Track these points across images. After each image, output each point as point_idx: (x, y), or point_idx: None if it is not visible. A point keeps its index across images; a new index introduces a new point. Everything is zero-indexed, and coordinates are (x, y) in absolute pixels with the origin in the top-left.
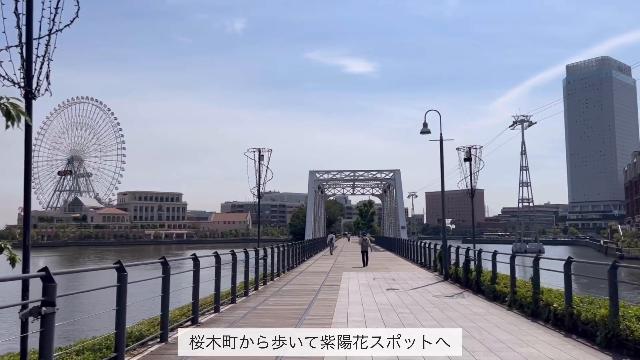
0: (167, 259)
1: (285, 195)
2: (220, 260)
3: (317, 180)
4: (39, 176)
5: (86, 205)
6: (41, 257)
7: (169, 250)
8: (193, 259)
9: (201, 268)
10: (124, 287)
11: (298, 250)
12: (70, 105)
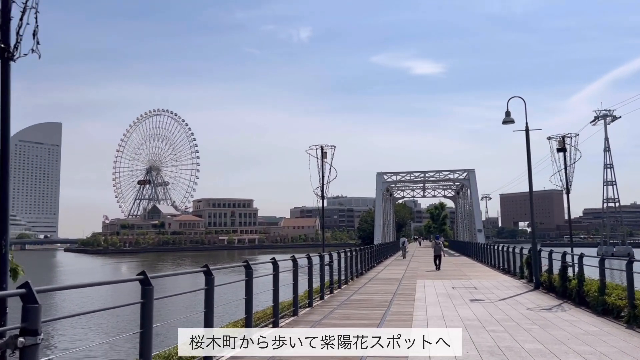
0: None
1: (353, 199)
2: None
3: (385, 182)
4: (120, 185)
5: (164, 212)
6: (123, 262)
7: (241, 255)
8: (273, 263)
9: (258, 276)
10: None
11: (367, 256)
12: (148, 117)
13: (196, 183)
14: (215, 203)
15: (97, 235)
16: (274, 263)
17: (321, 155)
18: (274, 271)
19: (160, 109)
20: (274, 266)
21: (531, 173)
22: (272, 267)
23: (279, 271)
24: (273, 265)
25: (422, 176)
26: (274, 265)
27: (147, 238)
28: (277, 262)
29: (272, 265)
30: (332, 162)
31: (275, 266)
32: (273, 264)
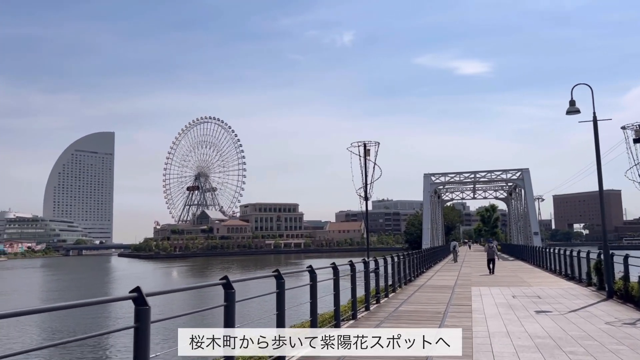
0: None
1: (399, 203)
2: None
3: (432, 184)
4: (171, 192)
5: (212, 217)
6: (174, 267)
7: (288, 259)
8: (310, 272)
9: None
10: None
11: (416, 261)
12: (196, 125)
13: (243, 188)
14: (262, 208)
15: (148, 241)
16: (334, 268)
17: (364, 153)
18: (334, 276)
19: (208, 117)
20: (334, 271)
21: (600, 168)
22: (333, 272)
23: (317, 281)
24: (333, 270)
25: (472, 177)
26: (334, 270)
27: (196, 243)
28: (338, 267)
29: (332, 270)
30: (376, 159)
31: (336, 271)
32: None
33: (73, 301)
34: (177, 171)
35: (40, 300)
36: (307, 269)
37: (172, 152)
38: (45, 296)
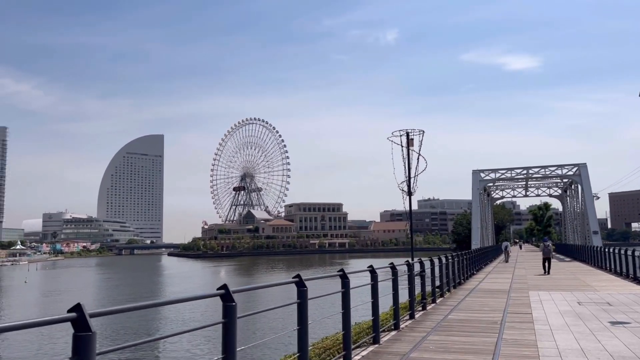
0: (346, 271)
1: (445, 202)
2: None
3: (482, 180)
4: (218, 192)
5: (258, 217)
6: (222, 266)
7: (332, 259)
8: (370, 271)
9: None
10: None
11: (465, 262)
12: (241, 126)
13: (287, 188)
14: (306, 207)
15: (197, 240)
16: (372, 271)
17: (406, 142)
18: (372, 280)
19: (252, 118)
20: (372, 275)
21: None
22: (371, 276)
23: (377, 281)
24: (371, 274)
25: (524, 173)
26: (372, 274)
27: (242, 242)
28: (376, 271)
29: (369, 274)
30: (420, 150)
31: (374, 275)
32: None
33: (167, 298)
34: (224, 172)
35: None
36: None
37: (219, 153)
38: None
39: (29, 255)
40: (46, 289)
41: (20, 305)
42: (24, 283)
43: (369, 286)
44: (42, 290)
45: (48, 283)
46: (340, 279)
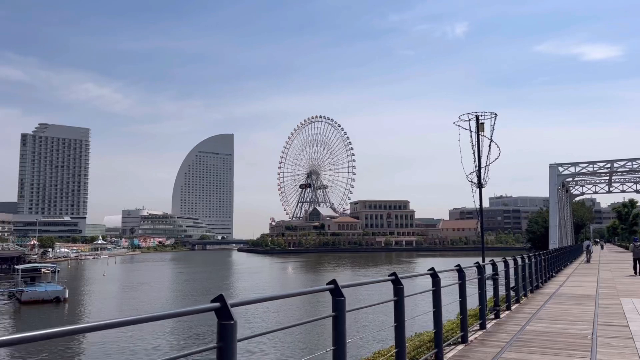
0: (437, 271)
1: (519, 199)
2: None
3: (559, 175)
4: (284, 189)
5: (323, 214)
6: (289, 262)
7: (399, 257)
8: (458, 271)
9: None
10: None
11: (544, 263)
12: (307, 124)
13: (353, 185)
14: (372, 205)
15: (265, 237)
16: (433, 274)
17: (476, 128)
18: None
19: (318, 116)
20: (433, 279)
21: None
22: (432, 280)
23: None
24: (432, 278)
25: (607, 167)
26: (433, 277)
27: (309, 239)
28: (464, 270)
29: (457, 274)
30: (492, 136)
31: (435, 279)
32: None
33: (284, 292)
34: (290, 169)
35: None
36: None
37: (286, 151)
38: (193, 288)
39: (109, 249)
40: (122, 282)
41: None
42: (102, 276)
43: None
44: (119, 284)
45: (124, 276)
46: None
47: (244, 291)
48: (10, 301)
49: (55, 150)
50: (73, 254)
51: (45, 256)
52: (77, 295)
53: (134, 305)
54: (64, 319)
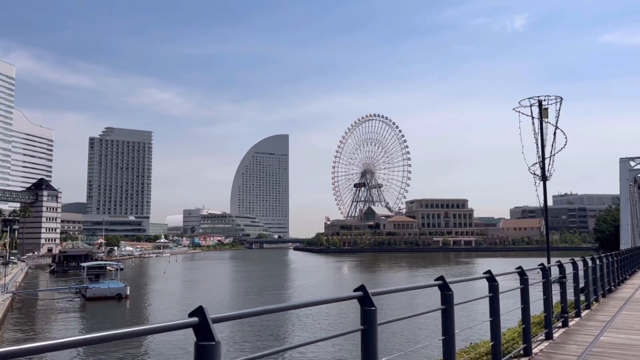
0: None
1: (585, 197)
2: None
3: (631, 170)
4: (339, 189)
5: (378, 213)
6: (344, 261)
7: (457, 258)
8: (519, 273)
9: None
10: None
11: (616, 265)
12: (362, 123)
13: (408, 184)
14: (428, 204)
15: (320, 236)
16: (522, 273)
17: (539, 114)
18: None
19: (372, 114)
20: (490, 284)
21: None
22: (488, 286)
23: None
24: (488, 282)
25: None
26: (490, 281)
27: (364, 238)
28: (526, 273)
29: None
30: (557, 122)
31: (493, 284)
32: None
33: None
34: (345, 169)
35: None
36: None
37: (340, 150)
38: (250, 286)
39: (171, 248)
40: (182, 280)
41: (161, 295)
42: (163, 274)
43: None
44: (179, 281)
45: (184, 274)
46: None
47: (299, 290)
48: (77, 297)
49: (120, 152)
50: (137, 252)
51: (111, 254)
52: (138, 293)
53: (191, 302)
54: (125, 315)
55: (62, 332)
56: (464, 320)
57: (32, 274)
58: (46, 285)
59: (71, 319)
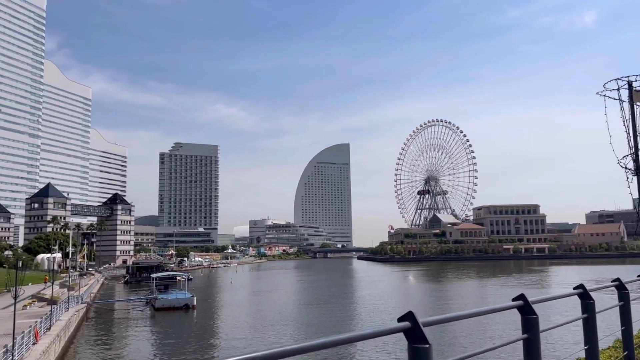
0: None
1: None
2: None
3: None
4: (402, 196)
5: (444, 221)
6: (410, 270)
7: (530, 266)
8: (617, 287)
9: None
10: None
11: None
12: (424, 128)
13: (475, 190)
14: (497, 210)
15: (384, 244)
16: (620, 287)
17: (629, 97)
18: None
19: (435, 119)
20: (621, 292)
21: None
22: (618, 294)
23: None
24: (618, 291)
25: None
26: (620, 290)
27: (429, 247)
28: (626, 286)
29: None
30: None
31: (623, 292)
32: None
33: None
34: (407, 176)
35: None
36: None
37: (402, 157)
38: (317, 295)
39: (238, 258)
40: (248, 290)
41: (227, 305)
42: (230, 283)
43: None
44: (245, 291)
45: (250, 284)
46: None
47: (370, 299)
48: (147, 307)
49: (188, 166)
50: (206, 263)
51: (181, 265)
52: (205, 303)
53: (256, 312)
54: (192, 326)
55: (133, 343)
56: (545, 346)
57: (107, 285)
58: (119, 295)
59: (141, 330)
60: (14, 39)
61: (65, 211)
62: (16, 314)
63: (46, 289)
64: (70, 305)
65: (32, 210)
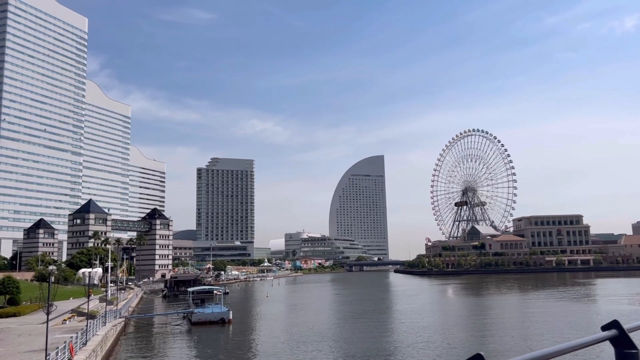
0: None
1: None
2: None
3: None
4: (439, 208)
5: (483, 233)
6: (449, 284)
7: (574, 279)
8: None
9: None
10: None
11: None
12: (460, 139)
13: (514, 201)
14: (538, 221)
15: (421, 257)
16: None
17: None
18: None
19: (472, 129)
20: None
21: None
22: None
23: None
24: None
25: None
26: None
27: (468, 260)
28: None
29: None
30: None
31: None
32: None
33: None
34: (444, 187)
35: (344, 315)
36: None
37: (438, 168)
38: (351, 309)
39: (274, 271)
40: (284, 304)
41: (263, 319)
42: (265, 297)
43: None
44: (281, 305)
45: (286, 297)
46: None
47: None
48: (184, 322)
49: (225, 181)
50: (242, 276)
51: (218, 278)
52: (241, 317)
53: (292, 329)
54: (228, 340)
55: (169, 358)
56: None
57: (146, 299)
58: (156, 310)
59: (176, 345)
60: (57, 60)
61: (106, 226)
62: (56, 328)
63: None
64: (108, 320)
65: (75, 225)
